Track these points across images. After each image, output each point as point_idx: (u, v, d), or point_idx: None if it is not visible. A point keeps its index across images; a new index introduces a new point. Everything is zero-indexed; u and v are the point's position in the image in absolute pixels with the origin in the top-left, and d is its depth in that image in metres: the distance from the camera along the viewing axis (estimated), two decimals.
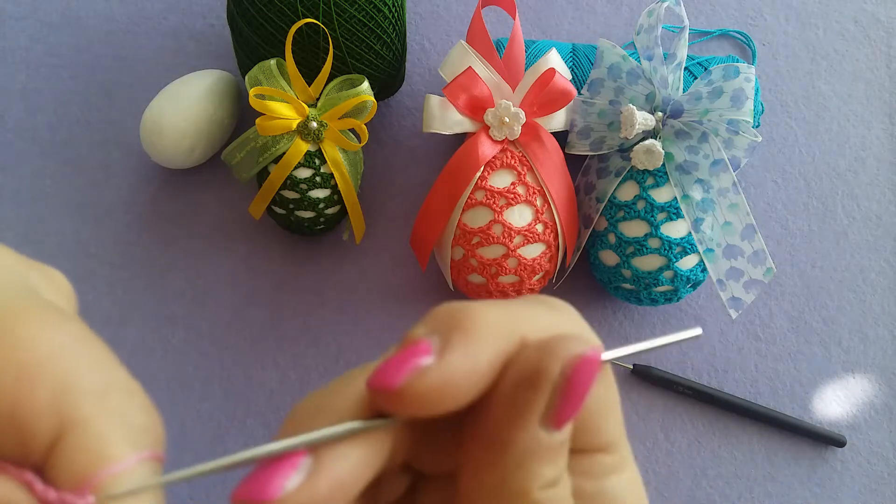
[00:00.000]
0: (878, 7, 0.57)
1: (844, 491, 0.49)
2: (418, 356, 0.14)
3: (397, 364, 0.14)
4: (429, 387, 0.14)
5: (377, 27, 0.44)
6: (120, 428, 0.15)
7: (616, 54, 0.45)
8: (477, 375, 0.15)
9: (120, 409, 0.15)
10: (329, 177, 0.46)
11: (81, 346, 0.16)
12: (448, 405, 0.14)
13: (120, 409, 0.15)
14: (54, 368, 0.15)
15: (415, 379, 0.14)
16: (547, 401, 0.14)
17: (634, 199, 0.44)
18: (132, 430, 0.15)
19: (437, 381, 0.14)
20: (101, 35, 0.53)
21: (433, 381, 0.14)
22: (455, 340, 0.15)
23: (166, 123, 0.46)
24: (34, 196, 0.51)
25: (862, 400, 0.50)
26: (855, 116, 0.55)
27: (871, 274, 0.52)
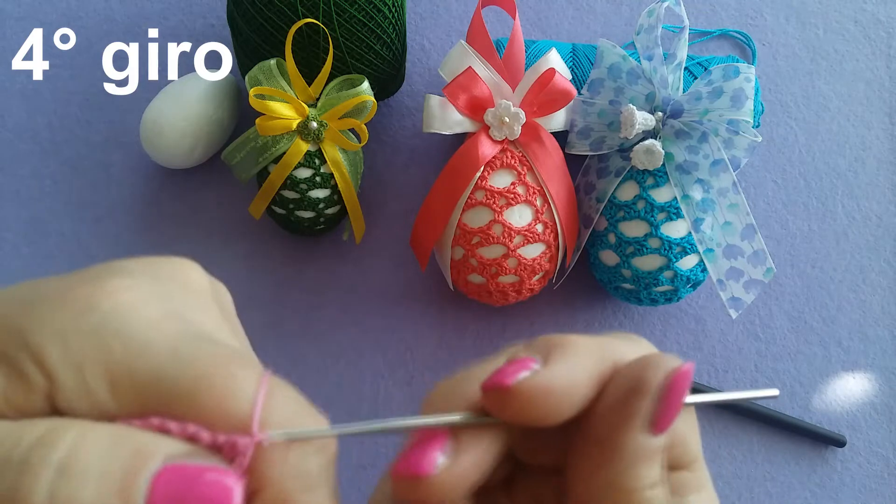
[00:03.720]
0: (878, 7, 0.57)
1: (844, 491, 0.49)
2: (526, 365, 0.17)
3: (509, 369, 0.17)
4: (537, 387, 0.16)
5: (377, 27, 0.44)
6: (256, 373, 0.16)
7: (616, 54, 0.45)
8: (576, 387, 0.17)
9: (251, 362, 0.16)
10: (329, 177, 0.46)
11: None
12: (552, 412, 0.16)
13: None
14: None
15: (525, 379, 0.16)
16: (650, 407, 0.17)
17: (634, 199, 0.44)
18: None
19: (543, 383, 0.16)
20: (101, 35, 0.53)
21: (540, 383, 0.16)
22: (556, 356, 0.17)
23: (166, 123, 0.46)
24: (34, 196, 0.51)
25: (862, 400, 0.50)
26: (855, 116, 0.55)
27: (871, 274, 0.52)
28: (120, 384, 0.15)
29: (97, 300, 0.15)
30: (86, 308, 0.15)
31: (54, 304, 0.15)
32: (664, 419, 0.17)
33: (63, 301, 0.15)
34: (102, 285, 0.16)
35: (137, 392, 0.15)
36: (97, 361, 0.15)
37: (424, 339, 0.50)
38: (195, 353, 0.15)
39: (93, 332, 0.15)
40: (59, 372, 0.15)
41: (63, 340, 0.15)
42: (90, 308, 0.15)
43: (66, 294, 0.16)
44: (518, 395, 0.16)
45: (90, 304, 0.15)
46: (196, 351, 0.15)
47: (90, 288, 0.16)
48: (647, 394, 0.17)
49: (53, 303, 0.15)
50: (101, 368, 0.15)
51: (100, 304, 0.15)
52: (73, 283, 0.16)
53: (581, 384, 0.17)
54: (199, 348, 0.15)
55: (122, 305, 0.15)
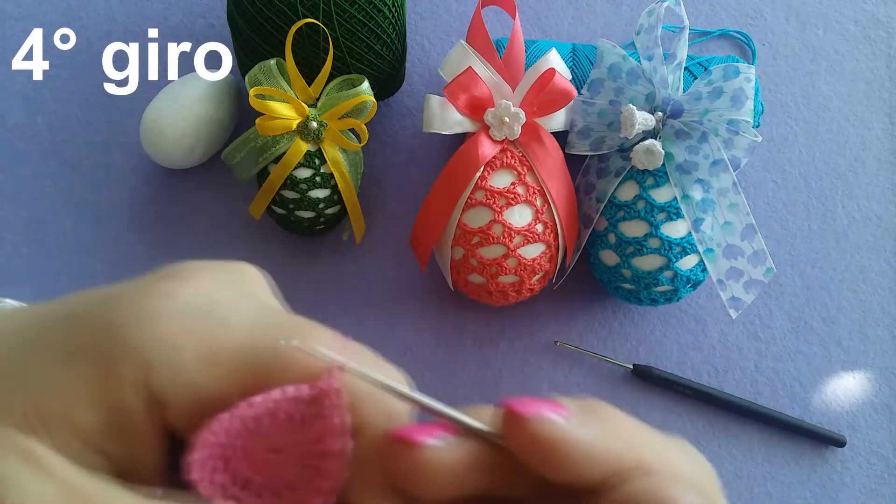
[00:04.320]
0: (878, 7, 0.57)
1: (844, 491, 0.49)
2: (556, 410, 0.16)
3: (537, 402, 0.16)
4: (548, 434, 0.16)
5: (377, 27, 0.44)
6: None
7: (616, 54, 0.45)
8: (588, 458, 0.16)
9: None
10: (329, 177, 0.46)
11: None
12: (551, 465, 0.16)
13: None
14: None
15: (542, 420, 0.16)
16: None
17: (634, 199, 0.44)
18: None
19: (556, 434, 0.15)
20: (101, 35, 0.53)
21: (554, 432, 0.15)
22: (589, 420, 0.16)
23: (166, 123, 0.46)
24: (34, 196, 0.51)
25: (862, 400, 0.50)
26: (855, 116, 0.55)
27: (871, 274, 0.52)
28: (211, 359, 0.16)
29: (177, 289, 0.16)
30: (168, 297, 0.16)
31: (137, 297, 0.16)
32: None
33: (145, 294, 0.16)
34: (179, 277, 0.17)
35: (227, 364, 0.16)
36: (187, 341, 0.16)
37: (424, 339, 0.50)
38: (273, 322, 0.17)
39: (179, 316, 0.16)
40: (153, 355, 0.15)
41: (153, 326, 0.16)
42: (172, 296, 0.16)
43: (146, 288, 0.16)
44: (528, 428, 0.16)
45: (171, 293, 0.16)
46: (273, 321, 0.17)
47: (168, 280, 0.17)
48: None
49: (136, 296, 0.16)
50: (192, 347, 0.16)
51: (180, 292, 0.16)
52: (148, 280, 0.17)
53: (593, 459, 0.16)
54: (275, 319, 0.17)
55: (201, 291, 0.17)
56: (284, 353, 0.16)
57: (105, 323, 0.16)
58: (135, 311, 0.16)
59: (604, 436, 0.16)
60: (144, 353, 0.15)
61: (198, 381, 0.16)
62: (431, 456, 0.16)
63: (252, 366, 0.16)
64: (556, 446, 0.15)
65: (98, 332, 0.16)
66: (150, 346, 0.15)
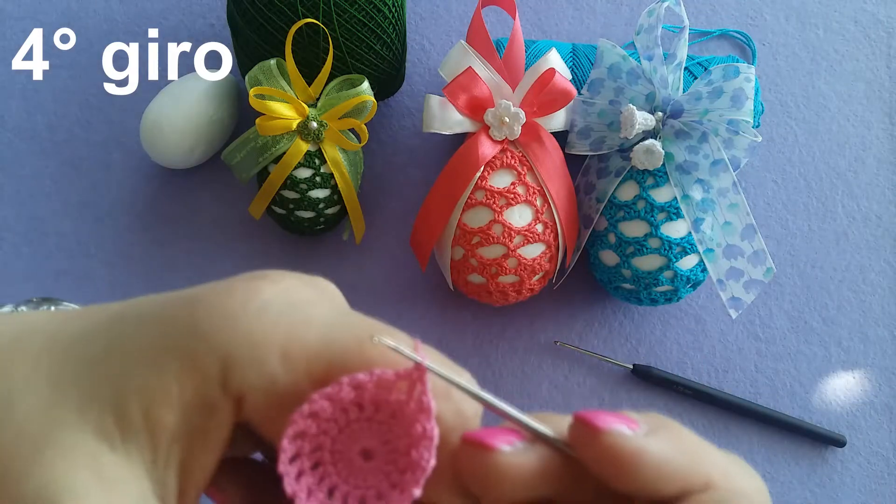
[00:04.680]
0: (878, 7, 0.57)
1: (844, 491, 0.49)
2: (628, 424, 0.16)
3: (610, 415, 0.16)
4: (623, 447, 0.16)
5: (377, 27, 0.44)
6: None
7: (616, 54, 0.45)
8: (660, 472, 0.16)
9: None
10: (329, 177, 0.46)
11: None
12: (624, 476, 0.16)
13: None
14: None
15: (617, 433, 0.16)
16: None
17: (634, 199, 0.44)
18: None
19: (631, 447, 0.16)
20: (101, 35, 0.53)
21: (629, 445, 0.16)
22: (661, 435, 0.16)
23: (166, 123, 0.46)
24: (34, 196, 0.51)
25: (862, 400, 0.50)
26: (855, 116, 0.55)
27: (871, 274, 0.52)
28: (291, 355, 0.16)
29: (257, 289, 0.17)
30: (248, 297, 0.17)
31: (218, 298, 0.17)
32: None
33: (225, 295, 0.17)
34: (258, 279, 0.17)
35: (306, 360, 0.16)
36: (268, 338, 0.16)
37: (424, 339, 0.50)
38: (352, 321, 0.17)
39: (260, 314, 0.16)
40: (236, 351, 0.16)
41: (235, 323, 0.16)
42: (252, 296, 0.17)
43: (226, 290, 0.17)
44: (603, 440, 0.16)
45: (251, 293, 0.17)
46: (351, 321, 0.18)
47: (247, 282, 0.17)
48: None
49: (216, 297, 0.17)
50: (273, 343, 0.16)
51: (260, 293, 0.17)
52: (228, 283, 0.17)
53: (662, 472, 0.16)
54: (353, 319, 0.18)
55: (282, 291, 0.17)
56: (362, 351, 0.16)
57: (188, 322, 0.16)
58: (218, 309, 0.16)
59: (675, 451, 0.16)
60: (227, 349, 0.16)
61: (276, 376, 0.16)
62: (504, 461, 0.16)
63: (330, 363, 0.16)
64: (631, 459, 0.16)
65: (182, 330, 0.16)
66: (232, 342, 0.16)
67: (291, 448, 0.16)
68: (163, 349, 0.16)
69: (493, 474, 0.16)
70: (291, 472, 0.16)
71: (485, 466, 0.16)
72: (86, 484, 0.15)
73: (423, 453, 0.16)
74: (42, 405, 0.15)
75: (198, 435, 0.16)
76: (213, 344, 0.16)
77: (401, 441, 0.16)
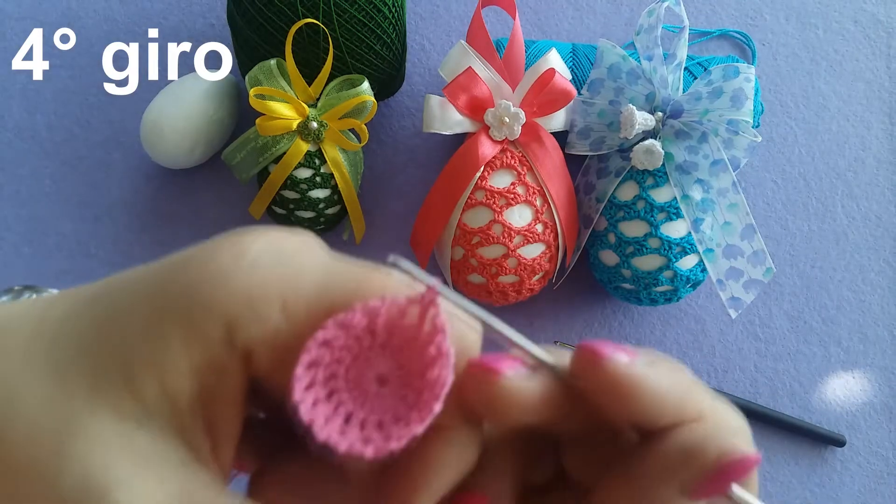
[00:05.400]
0: (878, 7, 0.57)
1: (844, 490, 0.49)
2: (629, 352, 0.17)
3: (613, 345, 0.17)
4: (623, 374, 0.16)
5: (377, 27, 0.44)
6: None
7: (616, 54, 0.45)
8: (655, 400, 0.17)
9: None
10: (329, 177, 0.46)
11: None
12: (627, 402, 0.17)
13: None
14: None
15: (619, 361, 0.17)
16: (693, 472, 0.16)
17: (634, 199, 0.44)
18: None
19: (631, 374, 0.16)
20: (101, 35, 0.53)
21: (630, 372, 0.16)
22: (659, 365, 0.17)
23: (166, 123, 0.46)
24: (34, 196, 0.51)
25: (861, 399, 0.50)
26: (855, 116, 0.55)
27: (871, 274, 0.52)
28: (290, 305, 0.16)
29: (244, 245, 0.17)
30: (238, 253, 0.16)
31: (207, 259, 0.16)
32: (701, 490, 0.17)
33: (214, 254, 0.16)
34: (243, 236, 0.17)
35: (307, 307, 0.16)
36: (266, 291, 0.16)
37: None
38: (346, 265, 0.17)
39: (253, 268, 0.16)
40: (235, 309, 0.16)
41: (229, 282, 0.16)
42: (241, 252, 0.16)
43: (214, 250, 0.16)
44: (606, 366, 0.16)
45: (240, 249, 0.16)
46: (346, 265, 0.17)
47: (233, 240, 0.17)
48: (697, 459, 0.16)
49: (206, 259, 0.16)
50: (271, 296, 0.16)
51: (249, 248, 0.16)
52: (211, 243, 0.17)
53: (656, 397, 0.17)
54: (348, 263, 0.17)
55: (268, 244, 0.17)
56: (361, 292, 0.16)
57: (182, 287, 0.16)
58: (210, 270, 0.16)
59: (673, 382, 0.17)
60: (227, 309, 0.16)
61: (279, 327, 0.16)
62: (510, 385, 0.16)
63: (330, 308, 0.16)
64: (631, 387, 0.16)
65: (177, 297, 0.16)
66: (231, 301, 0.16)
67: (306, 377, 0.16)
68: (161, 318, 0.16)
69: (500, 398, 0.16)
70: (307, 399, 0.15)
71: (491, 391, 0.16)
72: (128, 468, 0.15)
73: (441, 371, 0.16)
74: (49, 396, 0.15)
75: (215, 396, 0.16)
76: (213, 306, 0.16)
77: (415, 364, 0.16)
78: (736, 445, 0.16)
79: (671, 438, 0.17)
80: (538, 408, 0.17)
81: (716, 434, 0.17)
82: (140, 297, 0.16)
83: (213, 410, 0.16)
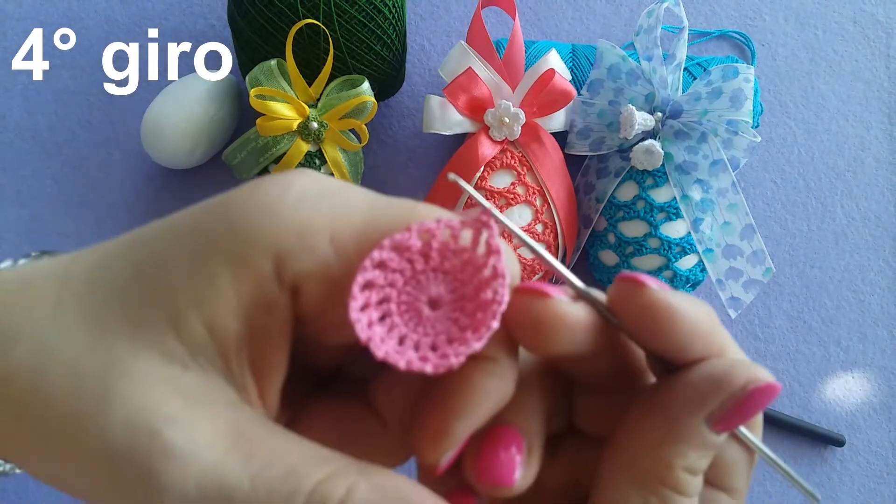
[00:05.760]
0: (877, 8, 0.57)
1: (844, 490, 0.49)
2: (663, 286, 0.17)
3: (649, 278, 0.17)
4: (662, 300, 0.17)
5: (377, 28, 0.44)
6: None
7: (616, 55, 0.45)
8: (689, 330, 0.17)
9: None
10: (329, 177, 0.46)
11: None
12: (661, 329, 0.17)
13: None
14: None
15: (657, 288, 0.17)
16: (720, 402, 0.17)
17: (634, 200, 0.44)
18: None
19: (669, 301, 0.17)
20: (102, 35, 0.53)
21: (667, 300, 0.17)
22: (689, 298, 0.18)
23: (167, 123, 0.46)
24: (35, 196, 0.51)
25: (861, 399, 0.51)
26: (854, 117, 0.55)
27: (870, 274, 0.52)
28: (340, 238, 0.16)
29: (288, 182, 0.16)
30: (283, 189, 0.16)
31: (252, 197, 0.16)
32: (728, 420, 0.17)
33: (258, 192, 0.16)
34: (286, 175, 0.17)
35: (356, 240, 0.16)
36: (314, 224, 0.16)
37: None
38: (392, 200, 0.17)
39: (300, 203, 0.16)
40: (285, 243, 0.15)
41: (277, 216, 0.16)
42: (287, 188, 0.16)
43: (257, 188, 0.16)
44: (650, 295, 0.17)
45: (284, 186, 0.16)
46: (392, 199, 0.17)
47: (276, 178, 0.17)
48: (724, 389, 0.17)
49: (250, 197, 0.16)
50: (320, 229, 0.16)
51: (293, 184, 0.16)
52: (254, 183, 0.17)
53: (696, 334, 0.17)
54: (391, 198, 0.17)
55: (312, 181, 0.17)
56: (409, 223, 0.16)
57: (227, 225, 0.15)
58: (256, 206, 0.16)
59: (704, 315, 0.17)
60: (276, 242, 0.15)
61: (329, 260, 0.16)
62: (559, 308, 0.17)
63: (380, 235, 0.16)
64: (669, 315, 0.17)
65: (223, 235, 0.15)
66: (280, 235, 0.15)
67: (361, 297, 0.15)
68: (206, 256, 0.15)
69: (548, 321, 0.16)
70: (363, 319, 0.15)
71: (541, 313, 0.16)
72: (176, 406, 0.14)
73: (498, 290, 0.16)
74: (87, 340, 0.15)
75: (263, 334, 0.16)
76: (261, 240, 0.15)
77: (469, 287, 0.16)
78: (761, 374, 0.17)
79: (698, 370, 0.17)
80: (581, 335, 0.17)
81: (741, 364, 0.17)
82: (181, 238, 0.16)
83: (260, 350, 0.16)
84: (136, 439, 0.14)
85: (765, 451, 0.19)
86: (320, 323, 0.16)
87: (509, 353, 0.17)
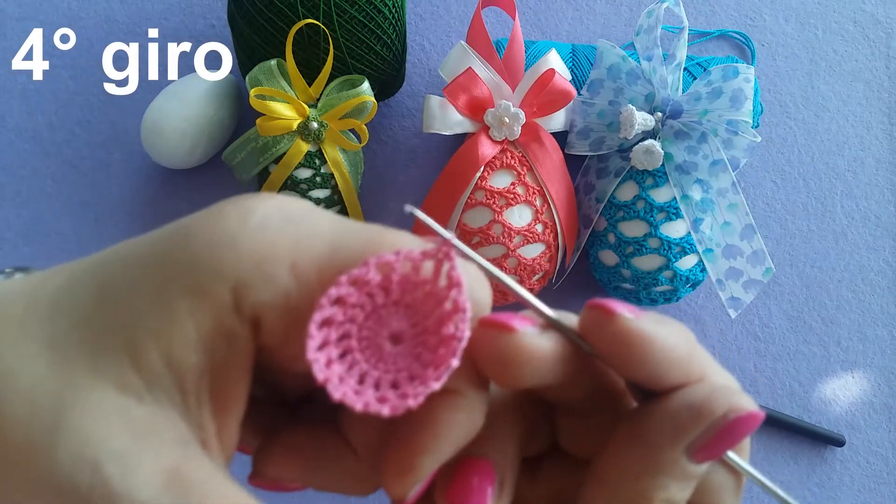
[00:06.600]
0: (877, 7, 0.57)
1: (843, 490, 0.49)
2: (636, 312, 0.17)
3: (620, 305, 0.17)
4: (635, 329, 0.16)
5: (377, 28, 0.44)
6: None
7: (616, 55, 0.45)
8: (664, 358, 0.16)
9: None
10: (329, 177, 0.46)
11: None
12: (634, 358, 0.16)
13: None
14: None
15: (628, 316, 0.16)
16: (700, 432, 0.16)
17: (634, 200, 0.44)
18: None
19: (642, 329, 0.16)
20: (102, 35, 0.53)
21: (639, 328, 0.16)
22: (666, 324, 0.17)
23: (167, 123, 0.46)
24: (35, 196, 0.51)
25: (861, 399, 0.51)
26: (854, 117, 0.55)
27: (870, 274, 0.52)
28: (300, 267, 0.15)
29: (250, 207, 0.16)
30: (244, 215, 0.16)
31: (212, 223, 0.16)
32: (707, 450, 0.17)
33: (219, 218, 0.16)
34: (247, 198, 0.16)
35: (318, 269, 0.16)
36: (274, 253, 0.15)
37: None
38: (357, 226, 0.17)
39: (260, 230, 0.15)
40: (243, 272, 0.15)
41: (236, 245, 0.15)
42: (247, 214, 0.16)
43: (218, 214, 0.16)
44: (620, 324, 0.16)
45: (246, 212, 0.16)
46: (356, 225, 0.17)
47: (238, 203, 0.16)
48: (703, 418, 0.16)
49: (211, 223, 0.16)
50: (280, 258, 0.15)
51: (255, 210, 0.16)
52: (216, 207, 0.16)
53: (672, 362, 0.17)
54: (357, 224, 0.17)
55: (274, 206, 0.16)
56: (373, 252, 0.16)
57: (187, 254, 0.15)
58: (216, 234, 0.15)
59: (680, 340, 0.17)
60: (235, 273, 0.15)
61: (289, 290, 0.15)
62: (524, 342, 0.16)
63: (341, 270, 0.16)
64: (642, 343, 0.16)
65: (182, 264, 0.15)
66: (239, 264, 0.15)
67: (319, 336, 0.15)
68: (165, 287, 0.15)
69: (513, 355, 0.16)
70: (321, 358, 0.15)
71: (505, 347, 0.16)
72: (124, 442, 0.14)
73: (458, 325, 0.15)
74: (45, 370, 0.14)
75: (223, 367, 0.15)
76: (220, 270, 0.15)
77: (430, 320, 0.16)
78: (743, 402, 0.16)
79: (677, 398, 0.17)
80: (550, 367, 0.17)
81: (722, 392, 0.17)
82: (142, 265, 0.16)
83: (219, 383, 0.15)
84: (80, 473, 0.14)
85: (753, 474, 0.18)
86: (283, 353, 0.16)
87: (477, 387, 0.17)
